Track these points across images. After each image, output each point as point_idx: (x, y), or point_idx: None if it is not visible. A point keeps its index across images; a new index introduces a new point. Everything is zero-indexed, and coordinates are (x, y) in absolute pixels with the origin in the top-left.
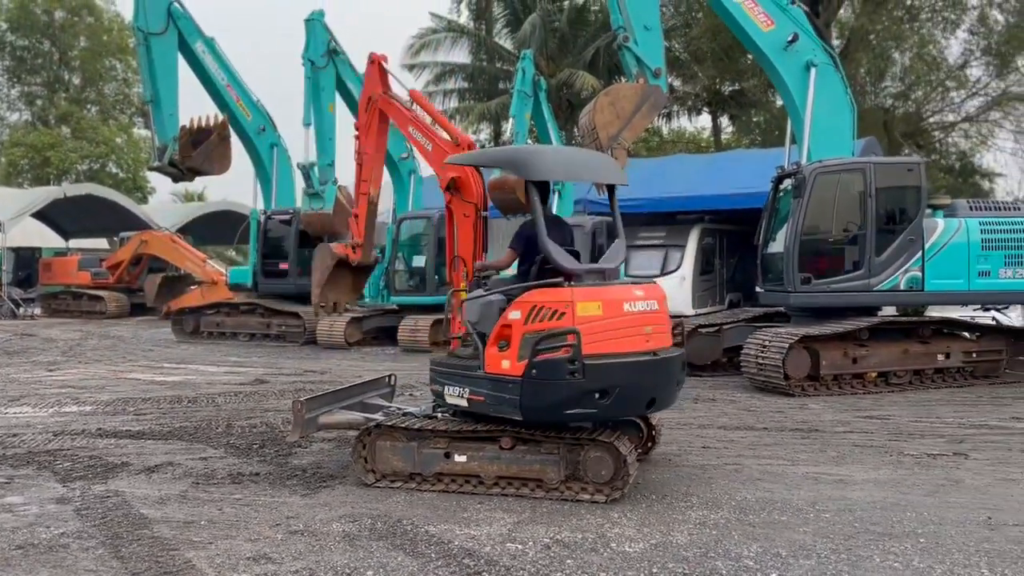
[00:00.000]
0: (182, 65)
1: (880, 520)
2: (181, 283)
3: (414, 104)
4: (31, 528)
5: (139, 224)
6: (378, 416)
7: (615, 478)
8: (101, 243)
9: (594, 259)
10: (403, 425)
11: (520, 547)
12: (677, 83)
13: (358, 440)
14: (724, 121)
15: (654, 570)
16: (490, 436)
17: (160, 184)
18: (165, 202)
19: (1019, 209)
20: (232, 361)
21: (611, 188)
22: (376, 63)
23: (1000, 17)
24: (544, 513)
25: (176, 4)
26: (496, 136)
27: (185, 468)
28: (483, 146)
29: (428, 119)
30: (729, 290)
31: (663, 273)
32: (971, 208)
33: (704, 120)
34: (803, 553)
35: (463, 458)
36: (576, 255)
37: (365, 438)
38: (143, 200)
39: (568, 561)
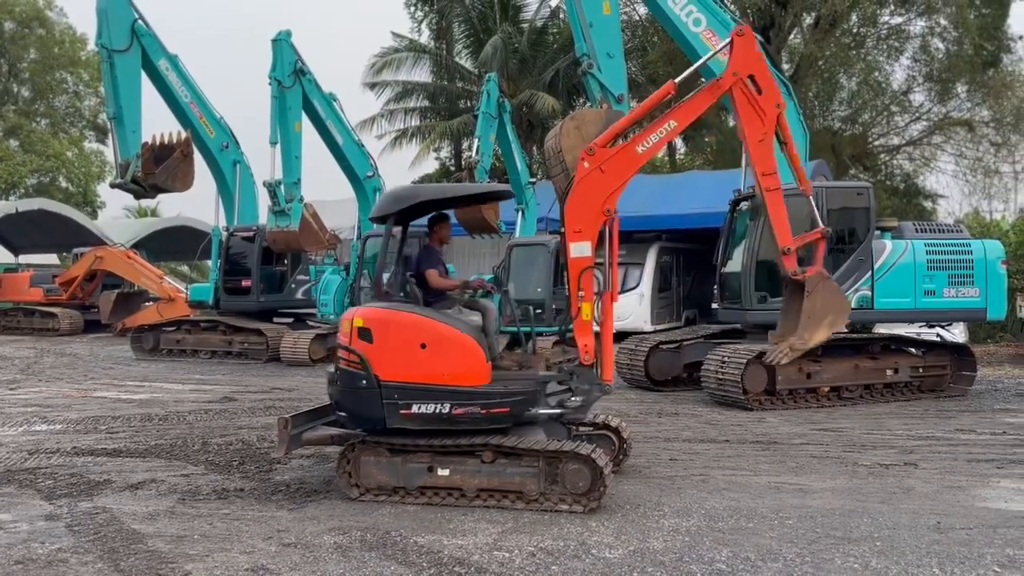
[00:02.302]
0: (145, 82)
1: (839, 526)
2: (136, 300)
3: None
4: (26, 544)
5: (92, 240)
6: (363, 432)
7: (592, 489)
8: (51, 258)
9: (556, 278)
10: (387, 440)
11: (507, 555)
12: (633, 104)
13: (342, 455)
14: (678, 142)
15: (634, 574)
16: (472, 450)
17: (111, 199)
18: (118, 217)
19: (961, 231)
20: (196, 379)
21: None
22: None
23: (941, 46)
24: (526, 523)
25: (140, 22)
26: (457, 155)
27: (169, 485)
28: (443, 164)
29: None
30: (686, 307)
31: (623, 290)
32: (917, 230)
33: None
34: (771, 557)
35: (446, 472)
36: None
37: (349, 453)
38: (93, 215)
39: (553, 567)
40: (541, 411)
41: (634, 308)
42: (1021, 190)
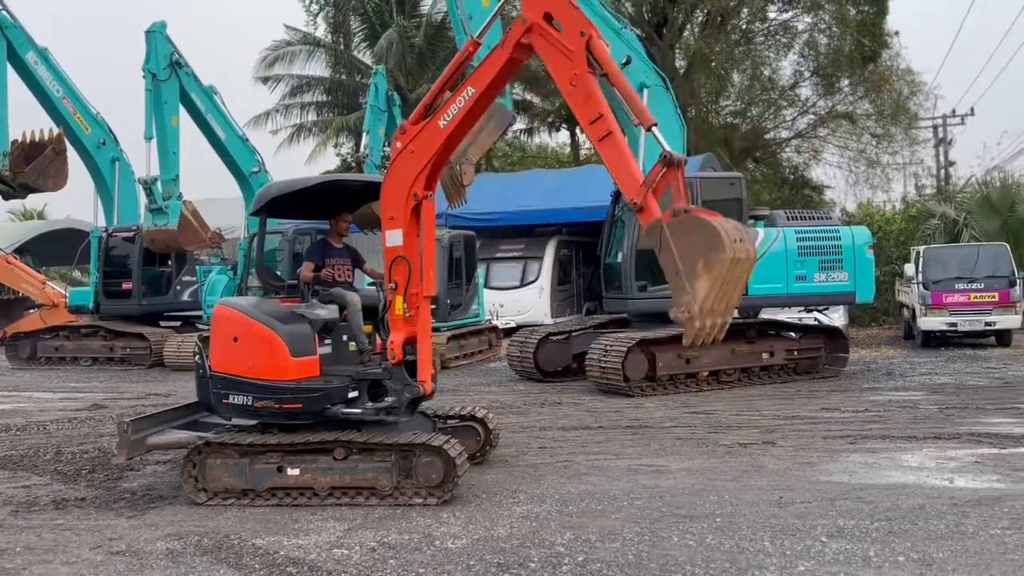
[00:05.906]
0: (14, 77)
1: (685, 504)
2: (18, 307)
3: None
4: None
5: None
6: (210, 435)
7: (446, 480)
8: None
9: (451, 273)
10: (233, 441)
11: (346, 552)
12: (537, 100)
13: (187, 459)
14: (583, 137)
15: (472, 563)
16: (323, 448)
17: None
18: (2, 220)
19: (830, 218)
20: (70, 387)
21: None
22: None
23: (825, 41)
24: (376, 519)
25: (4, 12)
26: (357, 149)
27: (5, 497)
28: (344, 159)
29: None
30: (587, 299)
31: (522, 284)
32: (788, 218)
33: (565, 136)
34: (611, 537)
35: (296, 471)
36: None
37: (194, 457)
38: None
39: (391, 561)
40: (345, 409)
41: (534, 302)
42: (900, 180)
